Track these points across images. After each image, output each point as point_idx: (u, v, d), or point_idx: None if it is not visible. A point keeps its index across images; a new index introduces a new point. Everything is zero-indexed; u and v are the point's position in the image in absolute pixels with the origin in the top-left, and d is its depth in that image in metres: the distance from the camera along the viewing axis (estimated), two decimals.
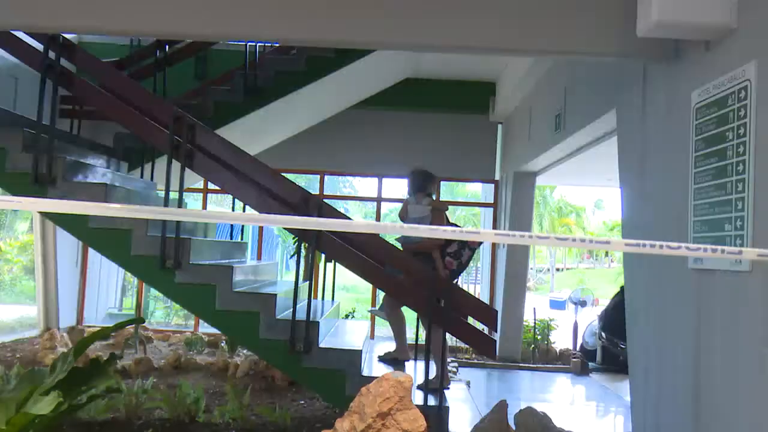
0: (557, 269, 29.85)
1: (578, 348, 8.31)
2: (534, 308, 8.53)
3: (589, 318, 8.85)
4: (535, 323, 8.33)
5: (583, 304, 8.87)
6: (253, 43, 6.21)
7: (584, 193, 29.72)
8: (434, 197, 4.81)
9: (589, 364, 7.76)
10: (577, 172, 7.82)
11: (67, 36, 4.69)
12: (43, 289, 7.94)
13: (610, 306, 5.18)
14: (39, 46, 4.52)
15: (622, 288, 6.07)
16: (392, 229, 1.65)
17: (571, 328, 8.59)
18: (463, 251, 4.56)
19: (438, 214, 4.62)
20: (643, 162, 3.73)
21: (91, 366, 3.42)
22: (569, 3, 3.28)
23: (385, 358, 4.81)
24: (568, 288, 21.43)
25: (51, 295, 7.99)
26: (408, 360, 4.89)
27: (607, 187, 9.90)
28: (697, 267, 2.94)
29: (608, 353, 7.84)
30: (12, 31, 4.49)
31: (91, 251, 8.33)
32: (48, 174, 4.17)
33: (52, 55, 4.36)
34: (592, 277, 27.16)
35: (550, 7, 3.28)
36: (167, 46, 6.36)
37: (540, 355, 8.09)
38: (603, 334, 7.87)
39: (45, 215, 5.48)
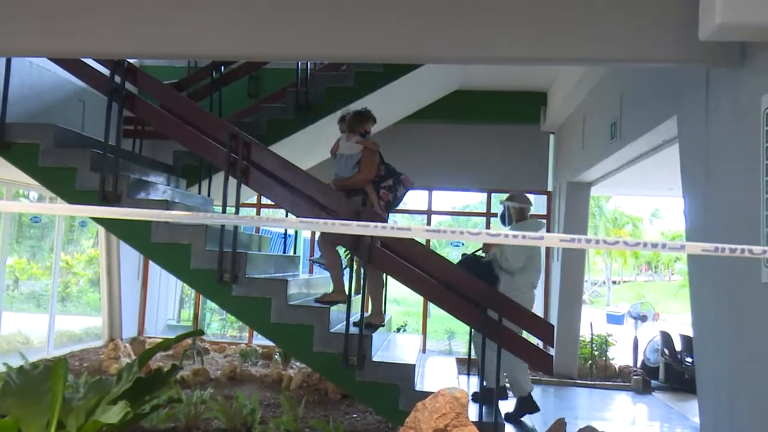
0: (614, 282, 28.87)
1: (639, 365, 7.98)
2: (591, 323, 8.27)
3: (650, 333, 8.51)
4: (592, 338, 8.06)
5: (643, 318, 8.53)
6: (304, 61, 6.34)
7: (640, 203, 28.78)
8: (369, 138, 4.82)
9: (652, 381, 7.44)
10: (634, 181, 7.57)
11: (131, 60, 4.92)
12: (108, 301, 8.30)
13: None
14: (105, 71, 4.76)
15: (463, 256, 5.51)
16: (451, 235, 1.63)
17: (630, 343, 8.27)
18: (398, 186, 4.75)
19: (368, 153, 4.68)
20: (707, 170, 3.57)
21: (154, 376, 3.54)
22: (628, 9, 3.20)
23: (323, 300, 4.56)
24: (625, 302, 20.71)
25: (115, 307, 8.34)
26: (345, 302, 4.67)
27: (667, 196, 9.56)
28: None
29: (672, 371, 7.50)
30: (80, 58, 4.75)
31: (151, 265, 8.65)
32: (114, 192, 4.36)
33: (117, 79, 4.57)
34: (651, 291, 26.13)
35: (608, 14, 3.21)
36: (222, 67, 6.57)
37: (598, 372, 7.82)
38: (666, 351, 7.55)
39: (110, 230, 5.72)
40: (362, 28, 3.38)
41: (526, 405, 5.30)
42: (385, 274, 4.99)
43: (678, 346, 7.73)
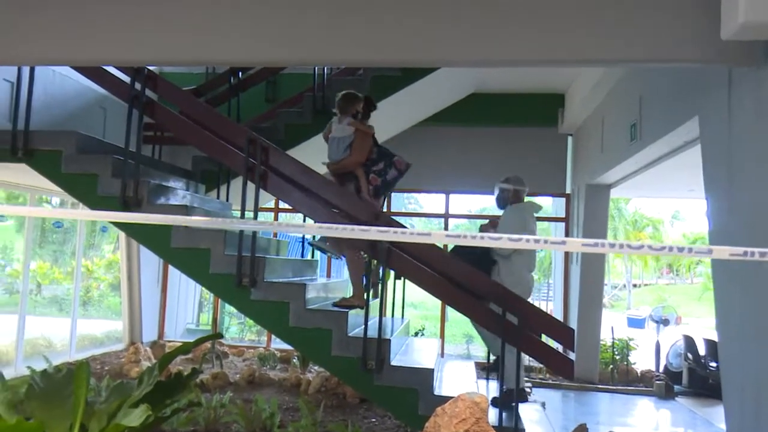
0: (634, 285, 28.47)
1: (662, 369, 7.86)
2: (612, 327, 8.17)
3: (673, 337, 8.37)
4: (613, 342, 7.96)
5: (665, 322, 8.40)
6: (321, 66, 6.37)
7: (661, 205, 28.39)
8: (361, 119, 4.76)
9: (675, 387, 7.32)
10: (655, 183, 7.47)
11: (150, 68, 4.98)
12: (128, 305, 8.40)
13: None
14: (126, 78, 4.83)
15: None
16: (472, 240, 1.61)
17: (652, 347, 8.16)
18: (388, 170, 4.66)
19: (361, 134, 4.64)
20: (731, 172, 3.51)
21: (174, 380, 3.56)
22: (647, 9, 3.16)
23: (341, 304, 4.53)
24: (646, 305, 20.42)
25: (135, 311, 8.44)
26: (363, 307, 4.61)
27: (689, 198, 9.41)
28: None
29: (696, 376, 7.37)
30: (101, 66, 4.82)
31: (170, 269, 8.73)
32: (134, 197, 4.42)
33: (137, 86, 4.63)
34: (673, 294, 25.74)
35: (629, 14, 3.17)
36: (240, 73, 6.62)
37: (619, 377, 7.71)
38: (689, 355, 7.43)
39: (131, 235, 5.80)
40: (376, 32, 3.38)
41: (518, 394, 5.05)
42: (402, 278, 4.99)
43: (702, 351, 7.60)
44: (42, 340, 7.63)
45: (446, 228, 9.13)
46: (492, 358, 5.06)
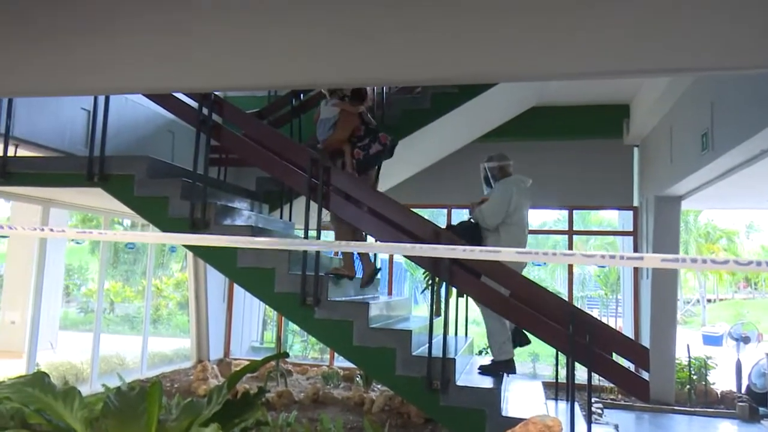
0: (708, 300, 26.97)
1: (744, 390, 7.37)
2: (687, 345, 7.74)
3: (755, 356, 7.84)
4: (689, 361, 7.54)
5: (746, 340, 7.89)
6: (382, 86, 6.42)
7: (734, 216, 26.87)
8: (349, 101, 4.86)
9: (759, 409, 6.83)
10: (729, 194, 7.07)
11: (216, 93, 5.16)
12: (196, 323, 8.65)
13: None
14: (192, 103, 5.02)
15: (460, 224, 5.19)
16: (543, 257, 1.56)
17: (732, 367, 7.66)
18: (372, 144, 4.76)
19: (345, 114, 4.77)
20: None
21: (242, 399, 3.61)
22: (720, 13, 3.01)
23: (332, 272, 4.78)
24: (722, 321, 19.29)
25: (202, 329, 8.68)
26: (353, 277, 4.91)
27: (765, 209, 8.87)
28: None
29: None
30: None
31: (235, 288, 8.95)
32: (202, 218, 4.55)
33: (204, 111, 4.80)
34: (752, 309, 24.17)
35: (699, 20, 3.03)
36: (301, 95, 6.77)
37: (697, 398, 7.28)
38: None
39: (199, 256, 5.98)
40: (436, 50, 3.36)
41: (507, 366, 4.85)
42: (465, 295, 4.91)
43: None
44: (115, 358, 7.94)
45: None
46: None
